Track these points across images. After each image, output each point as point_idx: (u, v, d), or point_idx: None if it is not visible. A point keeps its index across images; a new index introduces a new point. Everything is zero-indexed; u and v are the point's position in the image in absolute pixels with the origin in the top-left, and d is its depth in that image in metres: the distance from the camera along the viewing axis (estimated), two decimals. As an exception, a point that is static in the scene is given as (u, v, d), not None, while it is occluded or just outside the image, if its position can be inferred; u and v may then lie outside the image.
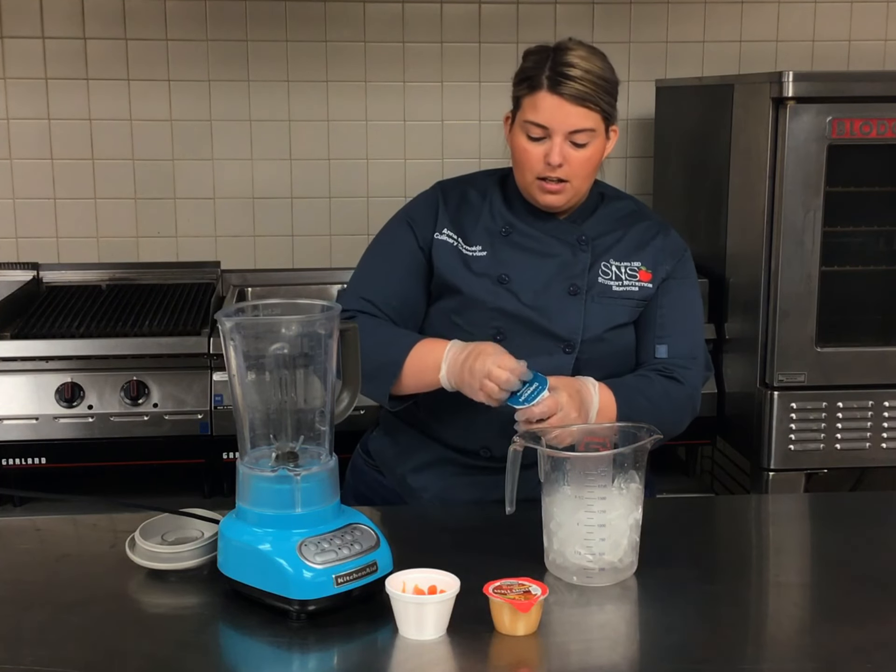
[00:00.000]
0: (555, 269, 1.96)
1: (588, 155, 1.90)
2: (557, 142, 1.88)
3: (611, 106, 1.93)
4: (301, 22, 3.28)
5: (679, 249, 2.04)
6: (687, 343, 2.01)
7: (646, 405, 1.90)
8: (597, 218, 2.02)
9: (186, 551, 1.63)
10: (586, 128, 1.88)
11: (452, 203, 2.02)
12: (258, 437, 1.56)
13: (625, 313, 1.97)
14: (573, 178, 1.91)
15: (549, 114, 1.87)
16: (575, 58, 1.88)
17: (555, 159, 1.88)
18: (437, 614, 1.42)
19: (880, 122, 2.54)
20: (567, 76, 1.86)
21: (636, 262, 1.99)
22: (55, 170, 3.30)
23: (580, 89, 1.86)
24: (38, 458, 2.69)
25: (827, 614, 1.55)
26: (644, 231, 2.02)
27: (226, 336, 1.53)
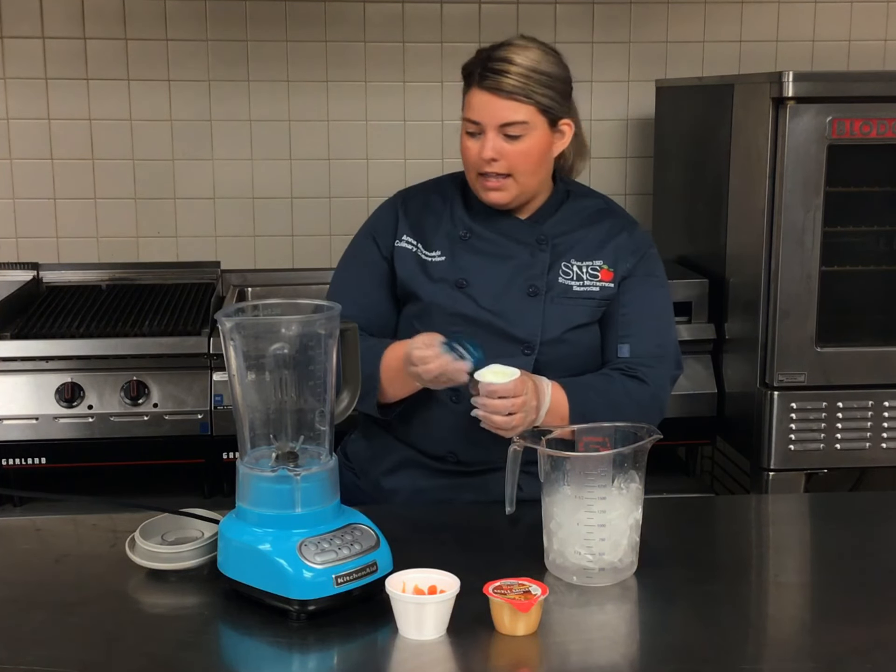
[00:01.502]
0: (513, 270, 1.96)
1: (524, 148, 1.89)
2: (489, 136, 1.89)
3: (551, 100, 1.91)
4: (301, 22, 3.28)
5: (642, 246, 2.03)
6: (651, 341, 2.00)
7: (601, 404, 1.90)
8: (560, 216, 2.01)
9: (186, 551, 1.63)
10: (516, 120, 1.88)
11: (413, 210, 2.03)
12: (258, 437, 1.56)
13: (585, 314, 1.96)
14: (515, 173, 1.91)
15: (478, 109, 1.89)
16: (510, 53, 1.89)
17: (486, 153, 1.89)
18: (437, 614, 1.42)
19: (880, 122, 2.54)
20: (495, 70, 1.87)
21: (597, 262, 1.98)
22: (55, 170, 3.30)
23: (507, 82, 1.87)
24: (38, 458, 2.69)
25: (827, 614, 1.55)
26: (608, 229, 2.01)
27: (226, 336, 1.53)
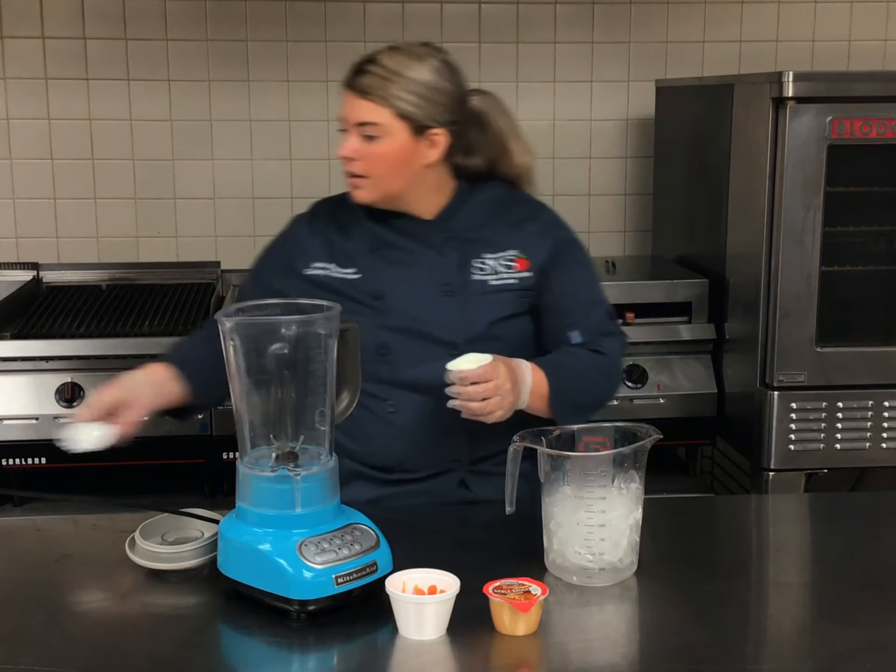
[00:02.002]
0: (425, 273, 1.93)
1: (380, 151, 1.87)
2: (348, 135, 1.89)
3: (412, 105, 1.85)
4: (301, 22, 3.28)
5: (553, 230, 2.01)
6: (596, 319, 2.00)
7: (577, 378, 1.91)
8: (466, 211, 1.98)
9: (186, 551, 1.63)
10: (371, 121, 1.86)
11: (321, 229, 2.00)
12: (258, 437, 1.56)
13: (507, 305, 1.94)
14: (370, 174, 1.89)
15: (343, 107, 1.90)
16: (379, 55, 1.88)
17: (340, 150, 1.90)
18: (437, 614, 1.42)
19: (880, 122, 2.54)
20: (360, 70, 1.87)
21: (511, 252, 1.96)
22: (55, 170, 3.30)
23: (366, 82, 1.86)
24: (38, 458, 2.69)
25: (827, 614, 1.55)
26: (516, 218, 1.99)
27: (226, 336, 1.53)
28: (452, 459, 1.94)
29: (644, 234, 3.52)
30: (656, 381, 2.86)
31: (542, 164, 3.46)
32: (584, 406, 1.92)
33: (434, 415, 1.89)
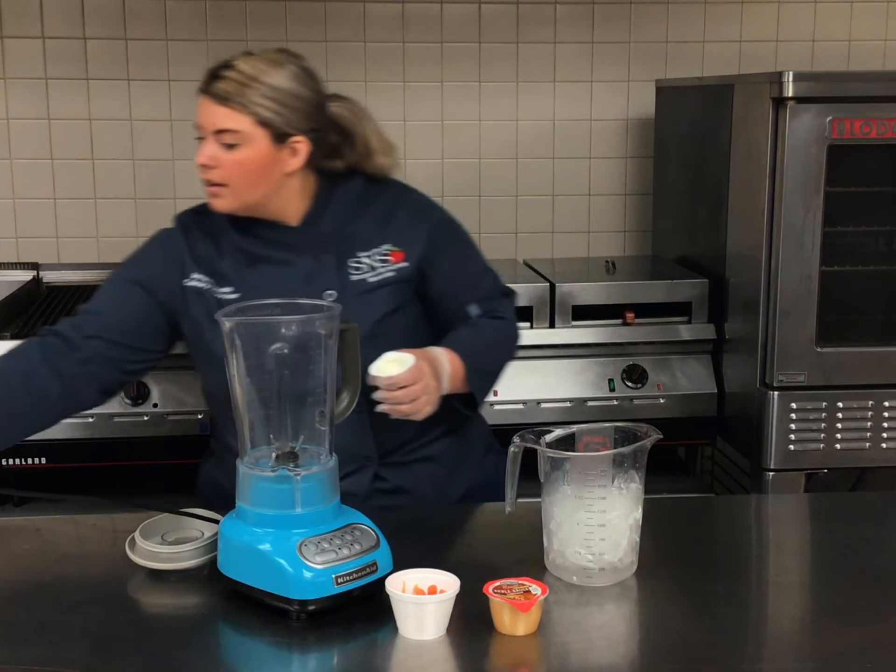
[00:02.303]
0: (304, 281, 1.89)
1: (239, 158, 1.82)
2: (206, 143, 1.84)
3: (272, 112, 1.82)
4: (301, 22, 3.28)
5: (425, 213, 2.00)
6: (487, 287, 2.04)
7: (487, 353, 1.96)
8: (330, 211, 1.95)
9: (186, 551, 1.63)
10: (229, 128, 1.81)
11: (194, 241, 1.95)
12: (258, 437, 1.56)
13: (389, 300, 1.93)
14: (229, 183, 1.84)
15: (199, 114, 1.85)
16: (235, 61, 1.83)
17: (200, 158, 1.85)
18: (437, 614, 1.42)
19: (880, 122, 2.54)
20: (216, 76, 1.82)
21: (385, 246, 1.94)
22: (55, 170, 3.30)
23: (223, 88, 1.81)
24: (38, 458, 2.69)
25: (827, 614, 1.55)
26: (383, 209, 1.97)
27: (226, 336, 1.53)
28: (363, 457, 1.94)
29: (644, 234, 3.52)
30: (656, 381, 2.86)
31: (542, 164, 3.47)
32: (496, 374, 2.00)
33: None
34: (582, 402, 2.84)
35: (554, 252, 3.50)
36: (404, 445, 1.97)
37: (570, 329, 2.87)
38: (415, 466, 1.99)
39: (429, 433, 1.99)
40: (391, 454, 1.97)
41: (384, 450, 1.95)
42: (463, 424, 2.06)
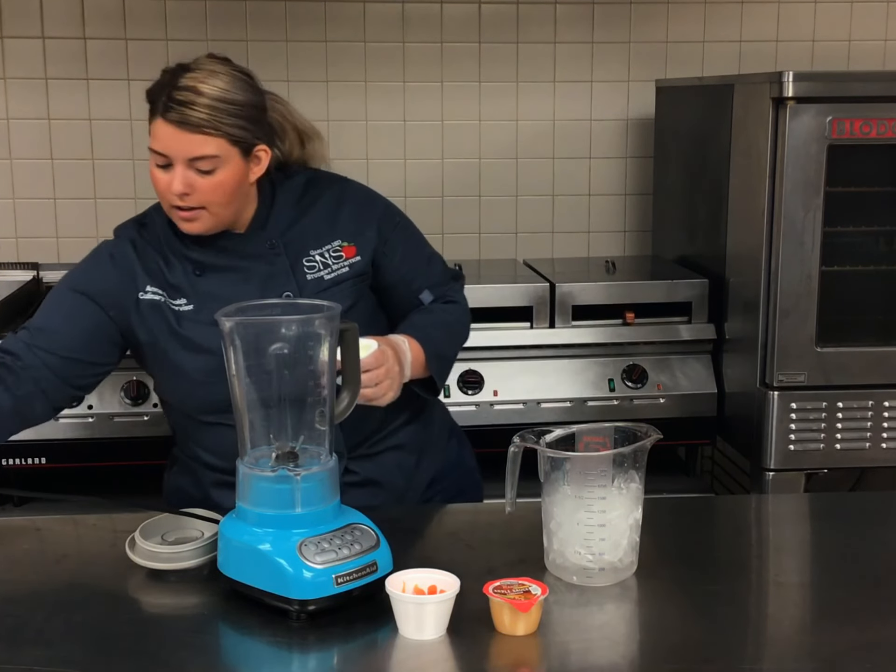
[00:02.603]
0: (261, 286, 1.88)
1: (218, 181, 1.79)
2: (179, 171, 1.78)
3: (242, 129, 1.79)
4: (301, 22, 3.28)
5: (369, 208, 2.00)
6: (437, 273, 2.06)
7: (444, 337, 1.98)
8: (276, 212, 1.93)
9: (186, 551, 1.63)
10: (206, 154, 1.77)
11: (141, 253, 1.92)
12: (258, 437, 1.56)
13: (347, 296, 1.91)
14: (208, 205, 1.81)
15: (165, 142, 1.77)
16: (191, 81, 1.76)
17: (176, 188, 1.78)
18: (437, 614, 1.42)
19: (880, 122, 2.54)
20: (180, 102, 1.75)
21: (336, 242, 1.94)
22: (55, 170, 3.30)
23: (193, 115, 1.75)
24: (38, 458, 2.69)
25: (827, 614, 1.55)
26: (327, 205, 1.97)
27: (226, 336, 1.53)
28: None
29: (644, 234, 3.52)
30: (656, 381, 2.87)
31: (542, 164, 3.47)
32: (453, 358, 2.03)
33: None
34: (582, 402, 2.84)
35: (554, 252, 3.50)
36: (371, 436, 1.98)
37: (570, 329, 2.87)
38: (382, 456, 2.00)
39: (393, 422, 2.00)
40: (358, 446, 1.97)
41: (352, 443, 1.95)
42: (425, 411, 2.07)
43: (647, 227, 3.50)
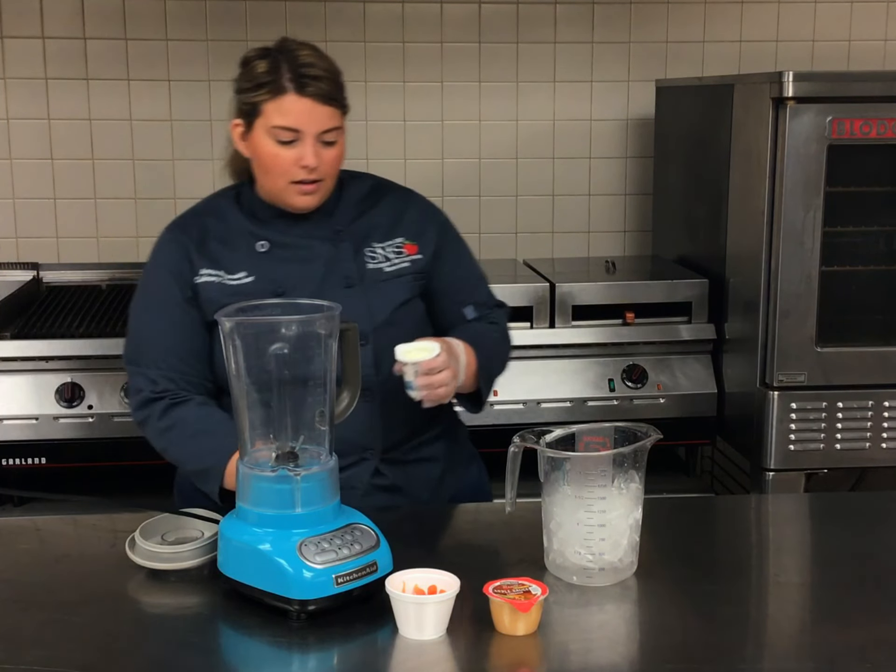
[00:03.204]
0: (324, 268, 1.93)
1: (338, 153, 1.90)
2: (310, 144, 1.85)
3: (347, 102, 1.92)
4: (301, 22, 3.28)
5: (432, 214, 2.06)
6: (483, 294, 2.10)
7: (492, 354, 1.99)
8: (343, 205, 2.00)
9: (186, 551, 1.63)
10: (335, 126, 1.88)
11: (196, 240, 1.96)
12: (258, 437, 1.56)
13: (405, 290, 1.97)
14: (326, 177, 1.91)
15: (298, 116, 1.84)
16: (310, 57, 1.86)
17: (311, 161, 1.85)
18: (437, 614, 1.42)
19: (880, 122, 2.54)
20: (313, 77, 1.84)
21: (398, 239, 2.00)
22: (55, 170, 3.30)
23: (325, 88, 1.85)
24: (38, 458, 2.69)
25: (827, 614, 1.55)
26: (392, 206, 2.03)
27: (226, 336, 1.53)
28: (365, 449, 1.94)
29: (644, 234, 3.53)
30: (656, 381, 2.87)
31: (542, 164, 3.47)
32: (495, 377, 2.03)
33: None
34: (582, 402, 2.84)
35: (554, 252, 3.50)
36: (404, 442, 1.98)
37: (570, 329, 2.87)
38: (412, 466, 2.00)
39: (426, 432, 2.01)
40: (392, 450, 1.97)
41: (387, 444, 1.96)
42: (454, 428, 2.10)
43: (647, 227, 3.50)
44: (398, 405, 1.88)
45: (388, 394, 1.91)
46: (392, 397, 1.89)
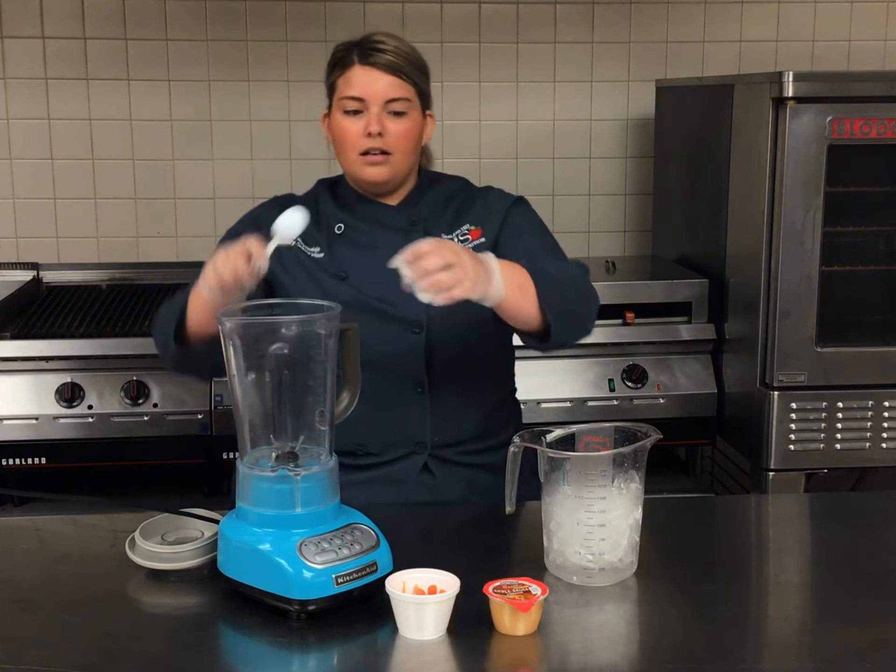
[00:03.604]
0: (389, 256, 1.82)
1: (407, 127, 1.93)
2: (375, 111, 1.91)
3: (424, 84, 1.97)
4: (301, 22, 3.28)
5: (505, 199, 2.05)
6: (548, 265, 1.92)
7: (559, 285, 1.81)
8: (427, 200, 2.03)
9: (186, 551, 1.63)
10: (401, 96, 1.92)
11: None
12: (258, 437, 1.56)
13: None
14: (395, 151, 1.93)
15: (363, 84, 1.92)
16: (382, 37, 1.94)
17: (374, 128, 1.90)
18: (437, 614, 1.42)
19: (880, 122, 2.54)
20: (377, 49, 1.92)
21: (464, 226, 2.00)
22: (55, 170, 3.30)
23: (390, 59, 1.91)
24: (38, 458, 2.69)
25: (827, 614, 1.55)
26: (469, 199, 2.05)
27: (226, 336, 1.53)
28: (415, 442, 1.94)
29: (644, 234, 3.53)
30: (656, 381, 2.87)
31: (542, 164, 3.47)
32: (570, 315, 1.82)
33: (396, 396, 1.93)
34: (582, 402, 2.84)
35: (554, 252, 3.50)
36: (458, 444, 1.96)
37: (570, 329, 2.87)
38: (466, 470, 1.97)
39: (491, 438, 1.98)
40: (443, 448, 1.95)
41: (436, 440, 1.95)
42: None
43: (647, 227, 3.50)
44: (453, 401, 1.88)
45: (442, 388, 1.91)
46: (446, 392, 1.90)
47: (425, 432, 1.95)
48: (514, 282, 1.73)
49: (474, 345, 1.97)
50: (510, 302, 1.72)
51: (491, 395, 2.05)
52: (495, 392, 2.07)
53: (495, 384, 2.08)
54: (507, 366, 2.14)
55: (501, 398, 2.09)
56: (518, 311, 1.76)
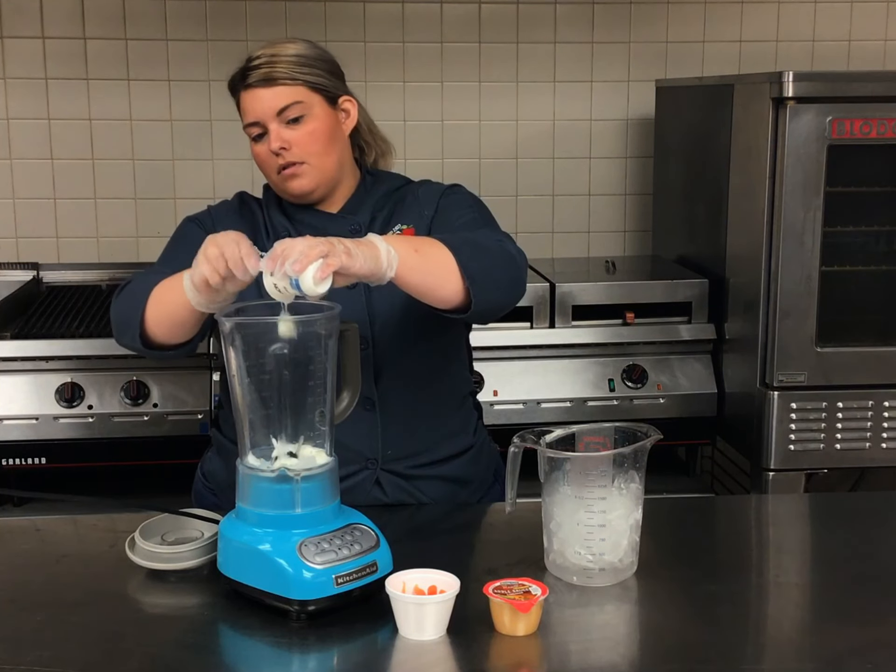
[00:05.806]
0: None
1: (309, 130, 1.87)
2: (273, 128, 1.86)
3: (319, 77, 1.88)
4: (301, 22, 3.28)
5: (437, 191, 1.99)
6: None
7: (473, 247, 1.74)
8: (368, 204, 1.98)
9: (186, 551, 1.63)
10: (289, 102, 1.86)
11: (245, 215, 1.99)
12: (258, 437, 1.56)
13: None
14: (306, 158, 1.88)
15: (251, 108, 1.88)
16: (259, 51, 1.89)
17: (274, 145, 1.86)
18: (437, 614, 1.42)
19: (880, 122, 2.54)
20: (252, 68, 1.87)
21: (397, 227, 1.95)
22: (55, 170, 3.30)
23: (266, 71, 1.86)
24: (38, 458, 2.69)
25: (827, 614, 1.55)
26: (402, 198, 1.99)
27: (226, 336, 1.53)
28: (366, 458, 1.89)
29: (644, 234, 3.53)
30: (656, 381, 2.87)
31: (542, 164, 3.47)
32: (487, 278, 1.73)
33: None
34: (582, 402, 2.84)
35: (554, 252, 3.50)
36: (408, 457, 1.92)
37: (570, 329, 2.87)
38: (419, 482, 1.93)
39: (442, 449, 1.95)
40: (393, 462, 1.91)
41: (386, 454, 1.91)
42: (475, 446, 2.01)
43: (647, 227, 3.50)
44: (402, 415, 1.86)
45: (392, 401, 1.88)
46: (397, 406, 1.87)
47: (376, 448, 1.89)
48: (409, 246, 1.66)
49: (424, 352, 1.92)
50: (409, 266, 1.63)
51: (445, 402, 1.99)
52: (450, 398, 2.00)
53: (450, 390, 2.01)
54: (461, 369, 2.06)
55: (457, 404, 2.02)
56: (424, 277, 1.67)
